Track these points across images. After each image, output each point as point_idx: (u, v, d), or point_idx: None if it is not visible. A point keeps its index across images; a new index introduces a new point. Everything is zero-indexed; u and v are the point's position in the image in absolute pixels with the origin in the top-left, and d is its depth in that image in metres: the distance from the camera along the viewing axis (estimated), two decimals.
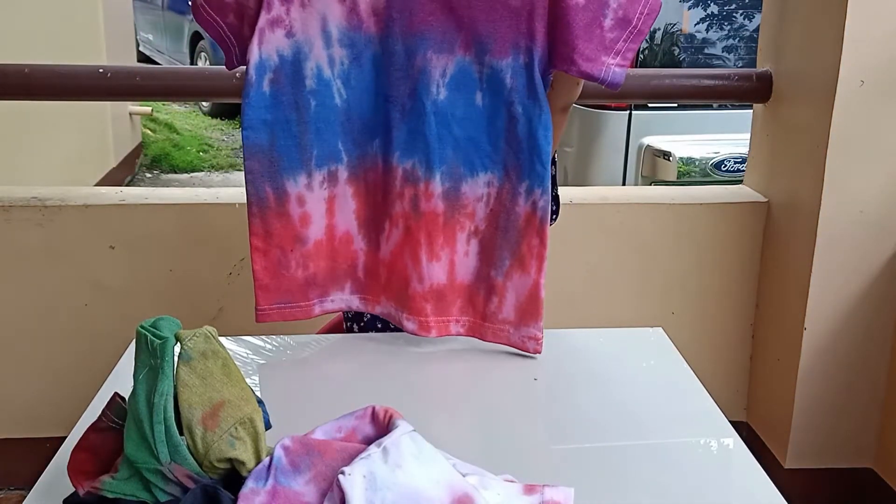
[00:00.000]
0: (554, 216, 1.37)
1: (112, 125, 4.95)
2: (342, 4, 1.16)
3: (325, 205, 1.24)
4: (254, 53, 1.16)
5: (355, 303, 1.30)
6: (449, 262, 1.24)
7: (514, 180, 1.21)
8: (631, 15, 1.14)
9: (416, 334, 1.25)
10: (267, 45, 1.16)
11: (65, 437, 1.01)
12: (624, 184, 2.75)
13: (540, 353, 1.23)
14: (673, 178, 2.64)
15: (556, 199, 1.40)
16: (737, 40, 2.85)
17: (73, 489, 0.89)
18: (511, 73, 1.17)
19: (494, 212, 1.23)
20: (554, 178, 1.34)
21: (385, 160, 1.22)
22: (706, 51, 2.86)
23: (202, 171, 6.09)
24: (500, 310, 1.24)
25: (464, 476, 0.87)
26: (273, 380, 1.21)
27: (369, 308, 1.30)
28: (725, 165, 2.63)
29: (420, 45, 1.16)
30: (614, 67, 1.15)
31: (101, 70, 2.04)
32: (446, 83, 1.18)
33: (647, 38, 2.70)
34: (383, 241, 1.26)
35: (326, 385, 1.20)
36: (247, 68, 1.17)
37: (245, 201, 1.19)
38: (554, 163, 1.32)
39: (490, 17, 1.15)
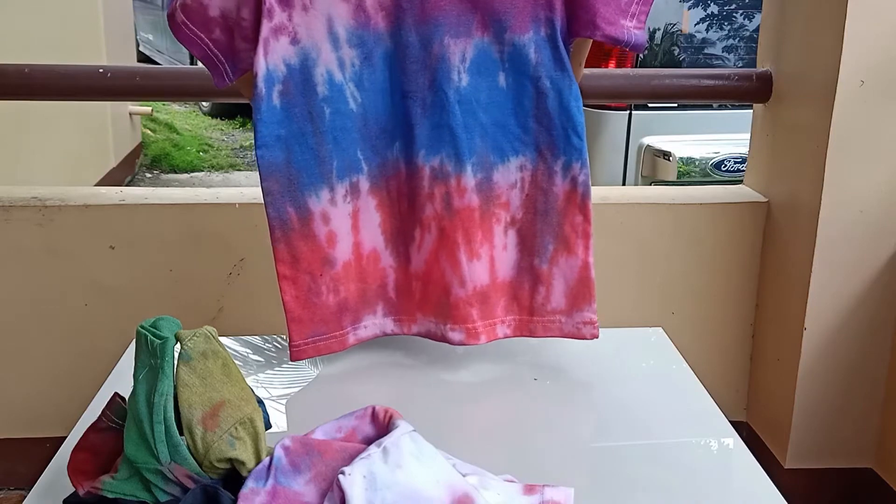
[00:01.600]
0: None
1: (112, 125, 4.95)
2: (347, 3, 1.10)
3: (350, 220, 1.17)
4: (260, 65, 1.09)
5: (389, 326, 1.24)
6: (489, 260, 1.18)
7: (549, 159, 1.16)
8: None
9: (463, 344, 1.19)
10: (273, 56, 1.10)
11: (65, 437, 1.01)
12: (624, 184, 2.75)
13: (597, 337, 1.20)
14: (673, 178, 2.64)
15: None
16: (737, 40, 2.85)
17: (73, 489, 0.89)
18: (535, 47, 1.12)
19: (531, 196, 1.17)
20: None
21: (409, 162, 1.16)
22: (706, 51, 2.86)
23: (202, 171, 6.09)
24: (549, 300, 1.20)
25: (464, 476, 0.87)
26: (273, 380, 1.21)
27: (404, 329, 1.24)
28: (725, 165, 2.64)
29: (435, 33, 1.11)
30: (633, 30, 1.12)
31: (101, 70, 2.04)
32: (467, 68, 1.13)
33: (647, 38, 2.71)
34: (414, 252, 1.19)
35: (326, 385, 1.20)
36: (255, 82, 1.10)
37: (244, 201, 1.18)
38: None
39: None
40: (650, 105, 2.67)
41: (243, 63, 1.13)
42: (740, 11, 2.88)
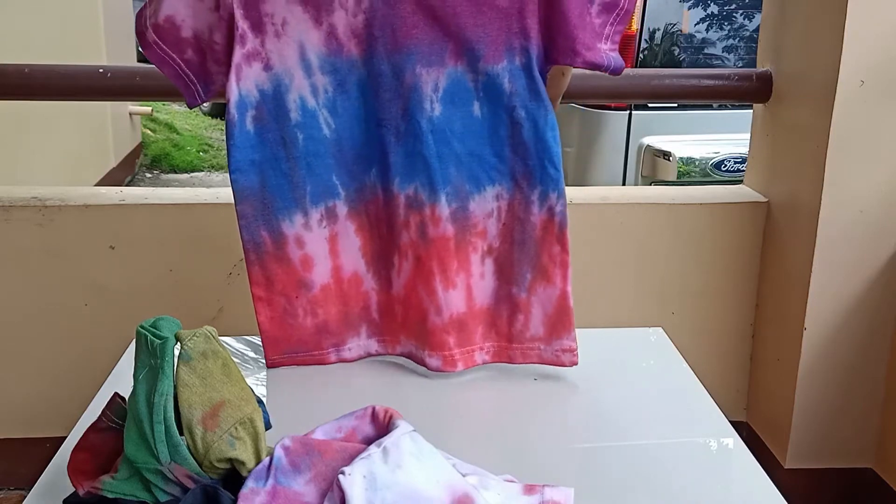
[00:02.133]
0: None
1: (112, 125, 4.95)
2: (319, 30, 1.10)
3: (327, 245, 1.18)
4: (233, 91, 1.10)
5: (374, 347, 1.24)
6: (466, 288, 1.19)
7: (526, 189, 1.15)
8: None
9: (440, 371, 1.19)
10: (245, 81, 1.10)
11: (65, 437, 1.01)
12: (624, 184, 2.75)
13: (576, 364, 1.19)
14: (673, 178, 2.64)
15: None
16: (737, 40, 2.85)
17: (73, 489, 0.89)
18: (509, 76, 1.12)
19: (507, 226, 1.18)
20: None
21: (385, 189, 1.16)
22: (706, 51, 2.86)
23: (202, 171, 6.09)
24: (528, 328, 1.20)
25: (464, 476, 0.87)
26: (273, 380, 1.21)
27: (389, 350, 1.25)
28: (725, 165, 2.64)
29: (407, 62, 1.11)
30: (610, 52, 1.11)
31: (101, 70, 2.04)
32: (440, 98, 1.13)
33: (647, 38, 2.70)
34: (395, 276, 1.19)
35: (327, 385, 1.20)
36: (227, 107, 1.11)
37: None
38: None
39: (479, 21, 1.10)
40: (650, 105, 2.67)
41: (215, 84, 1.13)
42: (740, 11, 2.88)
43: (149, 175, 5.86)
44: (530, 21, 1.10)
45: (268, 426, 0.92)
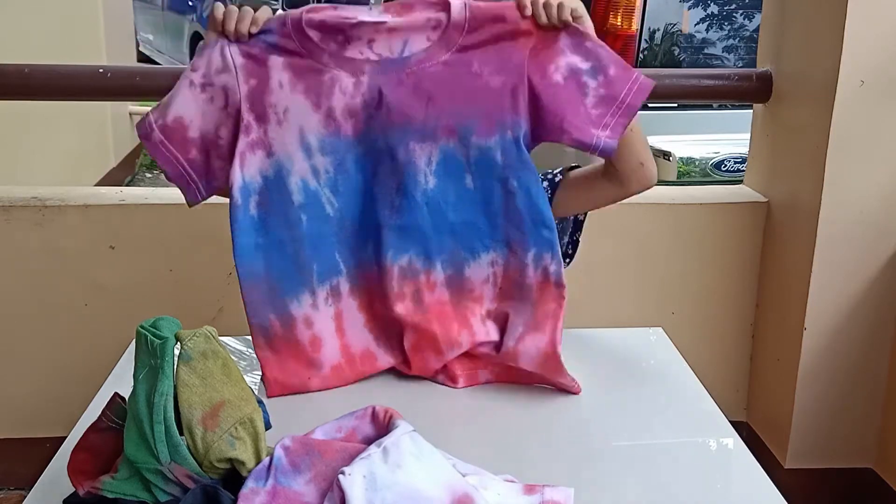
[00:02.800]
0: (569, 260, 1.35)
1: (112, 125, 4.95)
2: (317, 112, 1.14)
3: (333, 323, 1.20)
4: (236, 177, 1.13)
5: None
6: (470, 343, 1.21)
7: (520, 253, 1.18)
8: (617, 92, 1.13)
9: (444, 384, 1.22)
10: (249, 168, 1.14)
11: (65, 437, 1.01)
12: None
13: (578, 392, 1.19)
14: (673, 178, 2.64)
15: (576, 243, 1.37)
16: (737, 40, 2.85)
17: (73, 489, 0.89)
18: (501, 150, 1.15)
19: (504, 290, 1.20)
20: (581, 222, 1.34)
21: (379, 263, 1.19)
22: (706, 51, 2.86)
23: None
24: (520, 367, 1.20)
25: (464, 476, 0.87)
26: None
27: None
28: (725, 165, 2.63)
29: (402, 138, 1.15)
30: (605, 138, 1.14)
31: (101, 70, 2.03)
32: (433, 171, 1.16)
33: (647, 38, 2.70)
34: (405, 345, 1.21)
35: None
36: (231, 192, 1.14)
37: None
38: (584, 214, 1.32)
39: (471, 101, 1.14)
40: (650, 105, 2.67)
41: (217, 181, 1.16)
42: (740, 11, 2.88)
43: (149, 175, 5.86)
44: (521, 98, 1.14)
45: (268, 426, 0.92)
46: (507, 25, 1.14)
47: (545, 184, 1.26)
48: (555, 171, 1.31)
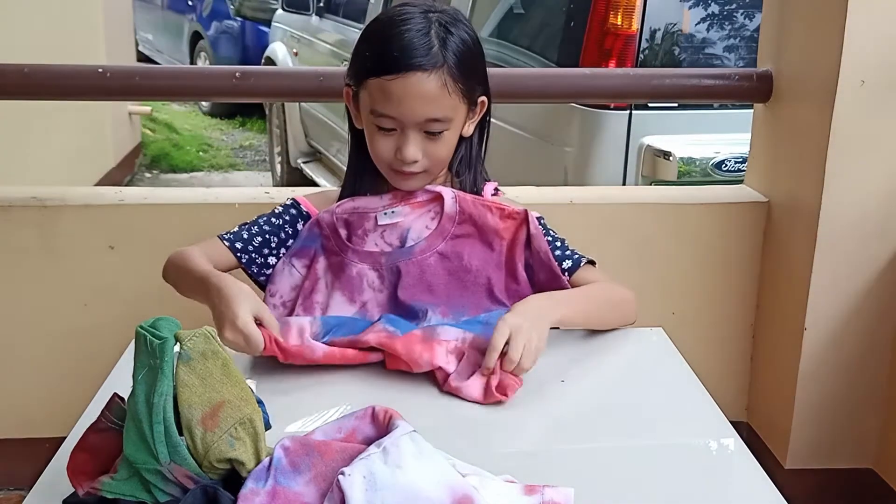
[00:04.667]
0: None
1: (112, 125, 4.95)
2: (353, 305, 1.35)
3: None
4: None
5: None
6: (430, 364, 1.21)
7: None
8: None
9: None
10: None
11: (65, 438, 1.01)
12: (624, 184, 2.74)
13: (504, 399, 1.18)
14: (673, 178, 2.63)
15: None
16: (737, 40, 2.85)
17: (73, 489, 0.89)
18: (486, 317, 1.30)
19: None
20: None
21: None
22: (706, 50, 2.85)
23: (202, 171, 6.09)
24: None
25: (464, 476, 0.87)
26: (273, 380, 1.21)
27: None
28: (726, 165, 2.63)
29: (407, 318, 1.31)
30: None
31: (100, 70, 2.03)
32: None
33: (647, 38, 2.69)
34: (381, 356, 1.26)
35: (327, 385, 1.20)
36: None
37: (244, 201, 1.18)
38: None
39: (464, 293, 1.34)
40: (650, 105, 2.66)
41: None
42: (741, 11, 2.87)
43: (148, 175, 5.86)
44: (502, 293, 1.35)
45: (268, 426, 0.92)
46: (488, 221, 1.36)
47: (568, 263, 1.39)
48: (579, 256, 1.41)
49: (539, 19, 3.18)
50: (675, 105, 2.70)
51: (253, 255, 1.39)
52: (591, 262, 1.42)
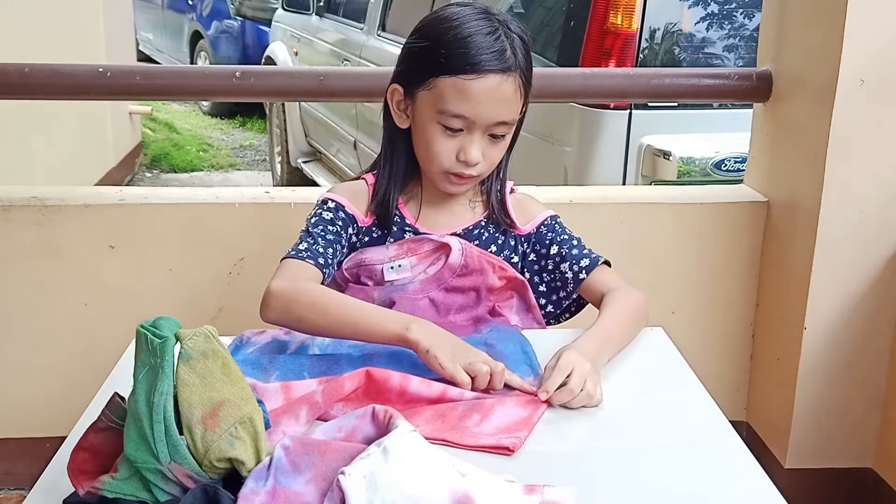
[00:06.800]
0: (568, 315, 1.51)
1: (112, 125, 4.95)
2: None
3: None
4: None
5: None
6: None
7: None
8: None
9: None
10: None
11: (65, 437, 1.01)
12: (624, 183, 2.74)
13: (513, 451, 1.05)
14: (673, 177, 2.63)
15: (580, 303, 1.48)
16: (737, 39, 2.85)
17: (73, 489, 0.89)
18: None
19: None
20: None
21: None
22: (706, 50, 2.85)
23: (202, 170, 6.08)
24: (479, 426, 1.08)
25: (464, 476, 0.87)
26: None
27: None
28: (726, 165, 2.63)
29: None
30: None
31: (100, 69, 2.03)
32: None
33: (647, 37, 2.70)
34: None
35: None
36: None
37: (244, 200, 1.18)
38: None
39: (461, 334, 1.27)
40: (650, 104, 2.66)
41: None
42: (740, 11, 2.87)
43: (148, 175, 5.86)
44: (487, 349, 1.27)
45: (268, 426, 0.92)
46: (487, 279, 1.37)
47: (585, 261, 1.43)
48: (597, 256, 1.45)
49: (539, 19, 3.18)
50: (675, 105, 2.70)
51: (331, 268, 1.35)
52: (607, 263, 1.43)
